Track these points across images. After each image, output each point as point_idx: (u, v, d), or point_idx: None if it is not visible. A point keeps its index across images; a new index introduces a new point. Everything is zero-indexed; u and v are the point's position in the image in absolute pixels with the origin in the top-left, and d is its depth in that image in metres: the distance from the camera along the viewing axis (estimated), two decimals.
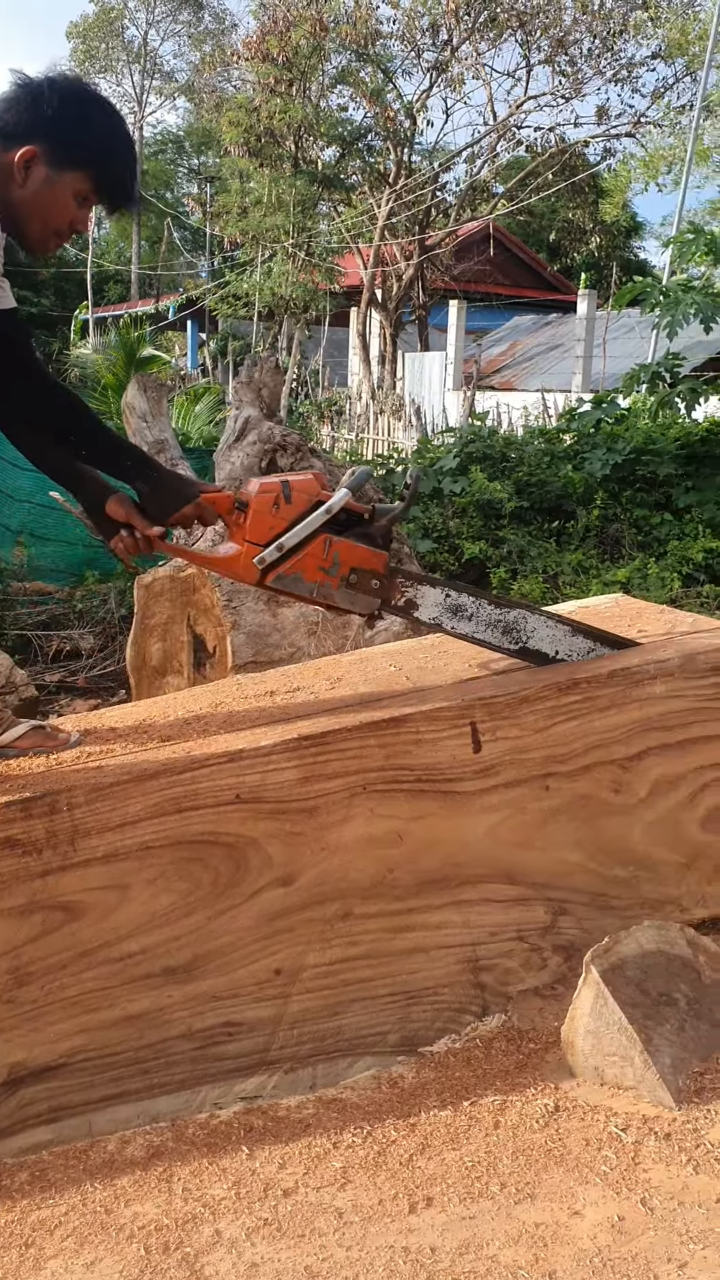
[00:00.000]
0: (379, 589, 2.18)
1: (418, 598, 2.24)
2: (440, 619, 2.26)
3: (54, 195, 1.96)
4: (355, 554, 2.15)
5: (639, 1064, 1.93)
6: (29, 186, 1.94)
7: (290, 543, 2.11)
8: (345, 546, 2.15)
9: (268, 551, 2.11)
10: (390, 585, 2.21)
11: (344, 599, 2.17)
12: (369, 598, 2.18)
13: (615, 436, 8.35)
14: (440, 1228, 1.67)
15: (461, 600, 2.27)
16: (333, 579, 2.15)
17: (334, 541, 2.14)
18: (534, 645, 2.32)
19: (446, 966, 2.18)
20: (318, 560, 2.14)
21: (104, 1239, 1.68)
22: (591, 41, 20.01)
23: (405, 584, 2.24)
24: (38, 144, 1.92)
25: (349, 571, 2.15)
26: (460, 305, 20.80)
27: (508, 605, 2.31)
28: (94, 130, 1.98)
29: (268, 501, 2.11)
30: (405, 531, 7.18)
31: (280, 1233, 1.67)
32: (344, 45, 19.01)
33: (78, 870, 1.94)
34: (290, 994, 2.08)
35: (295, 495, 2.12)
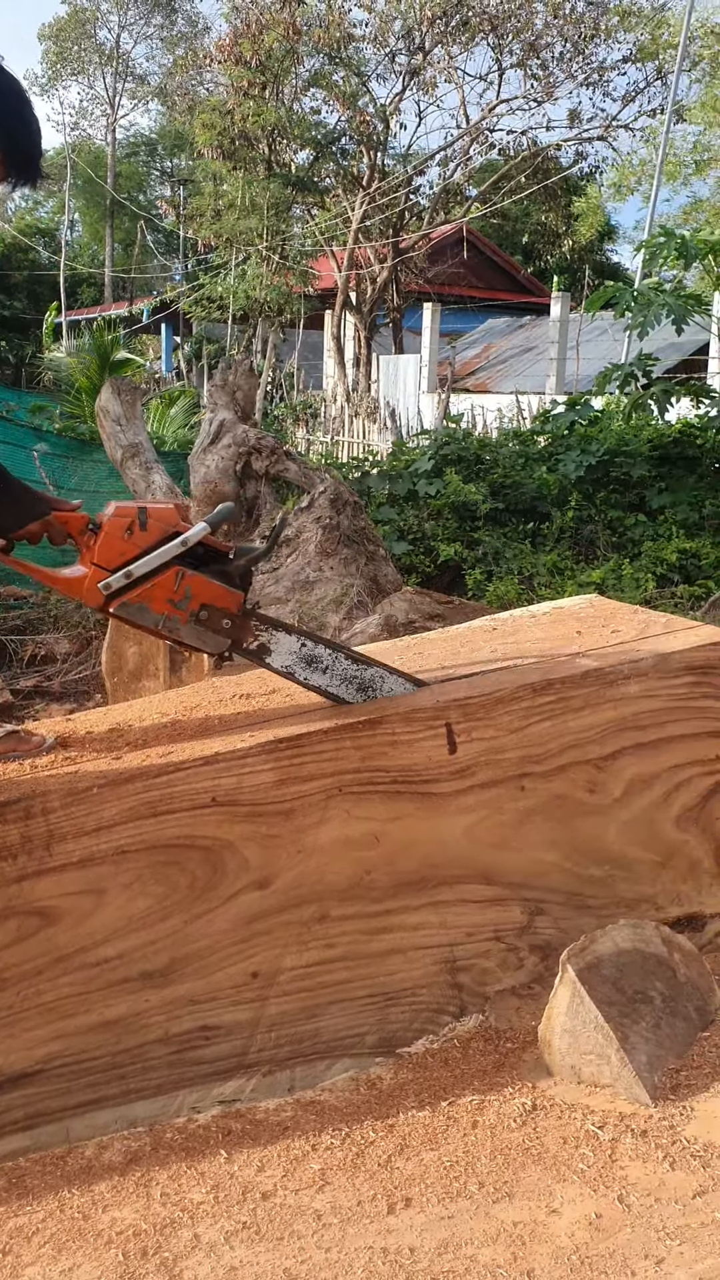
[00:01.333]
0: (230, 629, 2.09)
1: (271, 643, 2.15)
2: (293, 668, 2.17)
3: None
4: (208, 590, 2.06)
5: (615, 1062, 1.94)
6: None
7: (139, 571, 2.02)
8: (199, 581, 2.05)
9: (114, 577, 2.01)
10: (243, 627, 2.11)
11: (191, 635, 2.08)
12: (219, 637, 2.09)
13: (589, 438, 8.40)
14: (419, 1228, 1.67)
15: (317, 652, 2.18)
16: (181, 613, 2.06)
17: (187, 575, 2.04)
18: None
19: (424, 967, 2.19)
20: (167, 592, 2.04)
21: (82, 1245, 1.67)
22: (563, 45, 20.11)
23: (260, 628, 2.15)
24: None
25: (200, 607, 2.06)
26: (434, 308, 20.86)
27: (365, 663, 2.22)
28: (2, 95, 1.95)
29: (120, 526, 2.02)
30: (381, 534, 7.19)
31: (259, 1236, 1.67)
32: (317, 49, 19.03)
33: (53, 875, 1.93)
34: (268, 997, 2.08)
35: (150, 523, 2.03)
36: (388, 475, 8.60)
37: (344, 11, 19.12)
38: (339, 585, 5.50)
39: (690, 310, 7.79)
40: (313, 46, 18.93)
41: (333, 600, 5.37)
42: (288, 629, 2.19)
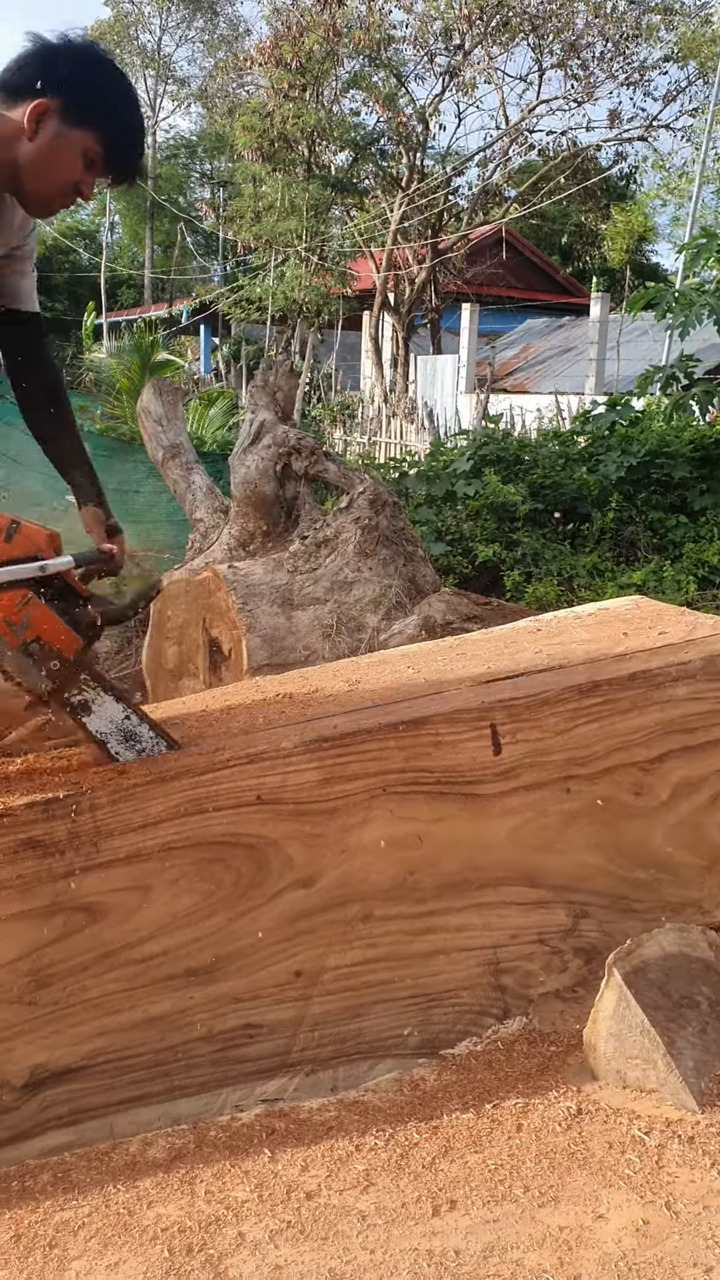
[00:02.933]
0: (56, 671, 1.97)
1: (94, 703, 2.04)
2: (108, 738, 2.05)
3: (62, 152, 1.95)
4: (49, 625, 1.94)
5: (661, 1067, 1.92)
6: (38, 142, 1.93)
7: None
8: (43, 613, 1.94)
9: None
10: (70, 676, 1.99)
11: (13, 663, 1.96)
12: (40, 677, 1.96)
13: (630, 439, 8.34)
14: (464, 1231, 1.66)
15: (139, 730, 2.07)
16: (12, 637, 1.94)
17: (32, 602, 1.93)
18: None
19: (467, 969, 2.18)
20: (6, 611, 1.93)
21: (128, 1240, 1.68)
22: (604, 45, 19.98)
23: (89, 683, 2.04)
24: (50, 99, 1.92)
25: (33, 639, 1.95)
26: (473, 308, 20.80)
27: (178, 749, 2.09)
28: (107, 91, 1.98)
29: None
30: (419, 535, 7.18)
31: (303, 1235, 1.67)
32: (357, 50, 19.03)
33: (100, 871, 1.94)
34: (311, 996, 2.08)
35: (17, 538, 1.93)
36: (425, 476, 8.58)
37: (384, 13, 19.12)
38: (377, 586, 5.49)
39: None
40: (353, 48, 18.94)
41: (371, 601, 5.36)
42: (119, 695, 2.07)
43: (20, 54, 1.96)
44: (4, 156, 1.94)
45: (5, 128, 1.94)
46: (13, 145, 1.93)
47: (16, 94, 1.93)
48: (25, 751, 2.16)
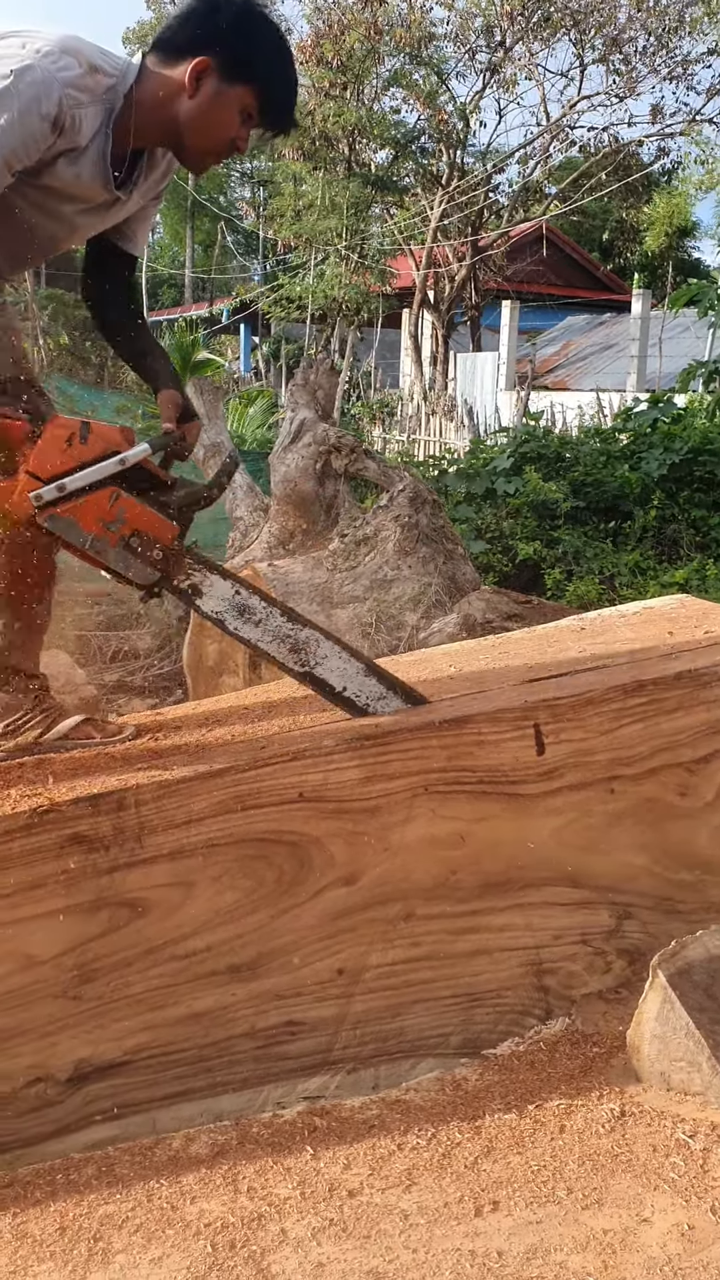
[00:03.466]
0: (160, 561, 2.00)
1: (203, 585, 2.05)
2: (223, 615, 2.06)
3: (221, 108, 1.98)
4: (143, 517, 1.97)
5: (707, 1070, 1.90)
6: (198, 99, 1.97)
7: (73, 485, 1.92)
8: (133, 506, 1.97)
9: (46, 489, 1.92)
10: (175, 563, 2.02)
11: (118, 560, 1.98)
12: (147, 568, 1.99)
13: (672, 436, 8.26)
14: (507, 1232, 1.65)
15: (251, 602, 2.08)
16: (111, 535, 1.96)
17: (122, 497, 1.96)
18: (320, 673, 2.13)
19: (509, 969, 2.17)
20: (99, 511, 1.95)
21: (171, 1235, 1.69)
22: (646, 39, 19.81)
23: (194, 567, 2.05)
24: (211, 56, 1.95)
25: (131, 533, 1.97)
26: (513, 305, 20.71)
27: (301, 623, 2.12)
28: (266, 46, 2.01)
29: (59, 437, 1.93)
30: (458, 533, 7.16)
31: (346, 1233, 1.67)
32: (398, 48, 19.01)
33: (144, 867, 1.95)
34: (353, 994, 2.08)
35: (91, 438, 1.94)
36: (465, 474, 8.55)
37: (425, 10, 19.08)
38: (417, 584, 5.49)
39: None
40: (394, 46, 18.92)
41: (411, 599, 5.35)
42: (224, 573, 2.08)
43: (180, 11, 2.00)
44: (164, 114, 1.98)
45: (166, 85, 1.97)
46: (173, 103, 1.97)
47: (177, 51, 1.97)
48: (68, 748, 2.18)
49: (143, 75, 1.97)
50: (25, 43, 1.86)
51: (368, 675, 2.16)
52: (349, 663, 2.15)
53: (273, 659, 2.12)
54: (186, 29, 1.98)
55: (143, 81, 1.97)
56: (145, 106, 1.96)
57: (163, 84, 1.97)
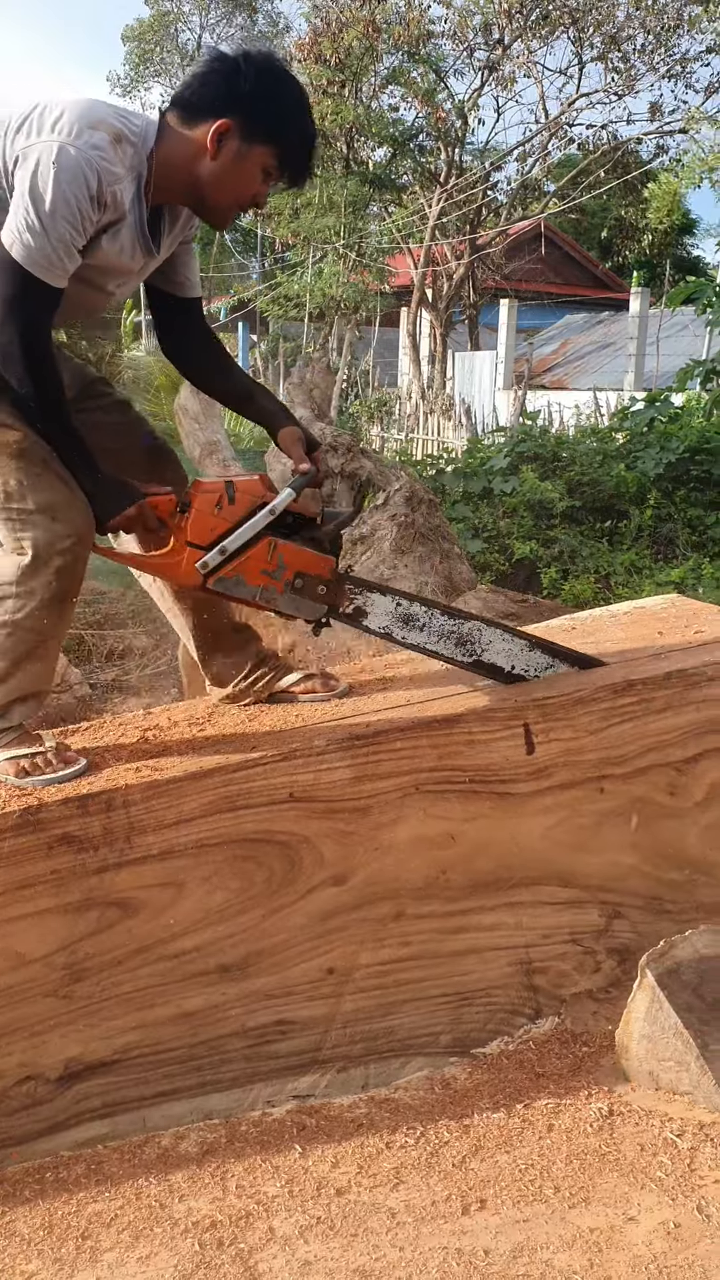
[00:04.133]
0: (325, 595, 2.10)
1: (367, 605, 2.15)
2: (390, 629, 2.17)
3: (243, 168, 2.00)
4: (300, 558, 2.07)
5: (694, 1069, 1.91)
6: (220, 160, 1.98)
7: (233, 545, 2.03)
8: (290, 550, 2.06)
9: (210, 555, 2.03)
10: (338, 591, 2.12)
11: (288, 604, 2.09)
12: (315, 604, 2.10)
13: (669, 435, 8.26)
14: (494, 1230, 1.66)
15: (413, 610, 2.18)
16: (277, 583, 2.07)
17: (279, 544, 2.05)
18: (489, 659, 2.22)
19: (499, 968, 2.17)
20: (261, 563, 2.05)
21: (159, 1233, 1.69)
22: (645, 37, 19.78)
23: (354, 591, 2.15)
24: (232, 117, 1.96)
25: (294, 576, 2.07)
26: (511, 304, 20.69)
27: (461, 617, 2.21)
28: (287, 105, 2.02)
29: (210, 502, 2.03)
30: (455, 532, 7.16)
31: (333, 1231, 1.68)
32: (396, 46, 18.98)
33: (133, 867, 1.96)
34: (343, 993, 2.09)
35: (239, 496, 2.04)
36: (463, 473, 8.56)
37: (423, 8, 19.05)
38: (413, 583, 5.49)
39: None
40: (392, 44, 18.89)
41: None
42: (382, 590, 2.18)
43: (199, 70, 2.01)
44: (186, 174, 2.00)
45: (187, 146, 1.98)
46: (195, 163, 1.99)
47: (198, 111, 1.98)
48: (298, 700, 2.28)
49: (164, 135, 1.99)
50: (48, 123, 1.86)
51: (531, 650, 2.26)
52: (512, 642, 2.25)
53: (440, 656, 2.21)
54: (207, 89, 1.98)
55: (164, 142, 1.98)
56: (167, 167, 1.99)
57: (184, 144, 1.98)
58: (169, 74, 31.97)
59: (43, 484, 1.95)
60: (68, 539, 1.95)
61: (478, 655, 2.22)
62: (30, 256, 1.83)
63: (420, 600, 2.20)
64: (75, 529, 1.96)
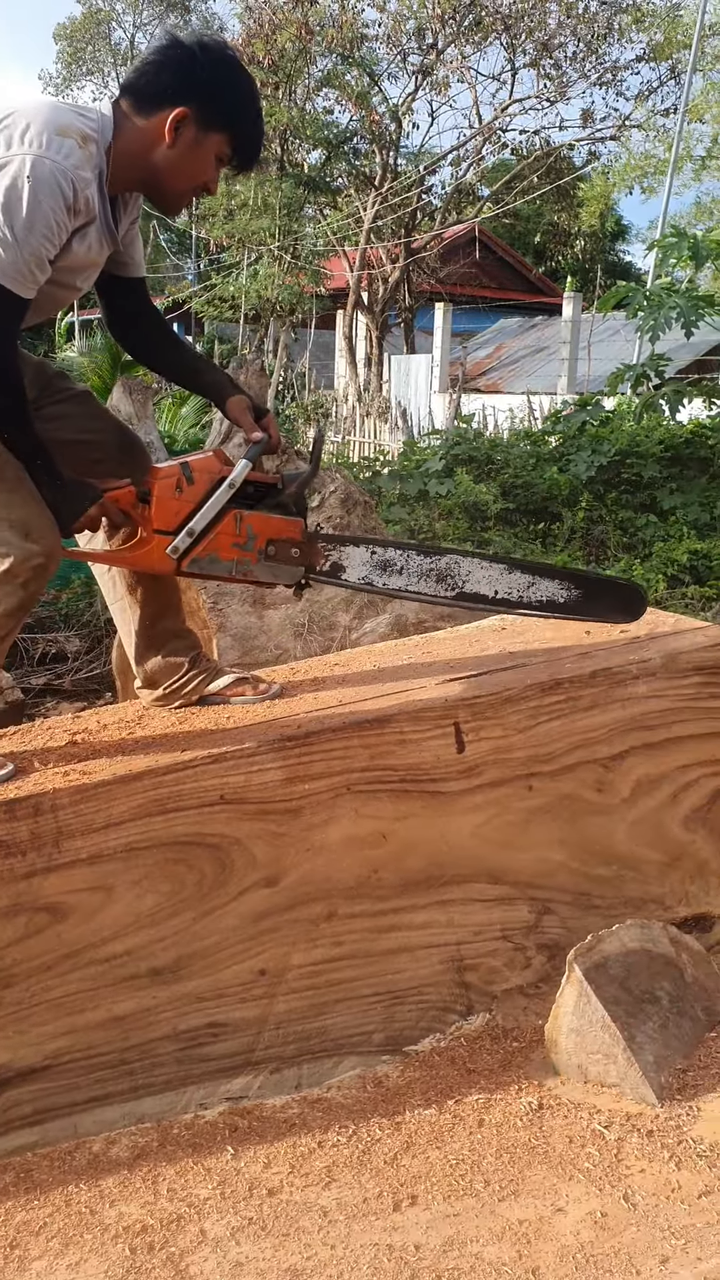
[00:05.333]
0: (300, 556, 2.10)
1: (343, 559, 2.15)
2: (370, 578, 2.17)
3: (199, 155, 2.02)
4: (269, 525, 2.08)
5: (622, 1061, 1.94)
6: (178, 147, 2.00)
7: (199, 525, 2.03)
8: (258, 519, 2.07)
9: (179, 539, 2.03)
10: (312, 551, 2.13)
11: (265, 572, 2.10)
12: (291, 567, 2.10)
13: (600, 439, 8.38)
14: (424, 1225, 1.67)
15: (389, 555, 2.18)
16: (249, 554, 2.07)
17: (245, 515, 2.06)
18: (471, 589, 2.23)
19: (431, 966, 2.19)
20: (231, 538, 2.06)
21: (89, 1239, 1.68)
22: (576, 45, 20.04)
23: (328, 548, 2.15)
24: (189, 105, 1.97)
25: (266, 544, 2.08)
26: (446, 307, 20.82)
27: (437, 553, 2.22)
28: (241, 93, 2.05)
29: (169, 487, 2.03)
30: (391, 534, 7.18)
31: (265, 1232, 1.68)
32: (329, 49, 19.00)
33: (62, 872, 1.94)
34: (275, 994, 2.09)
35: (197, 475, 2.04)
36: (399, 475, 8.59)
37: (357, 11, 19.10)
38: None
39: (701, 313, 7.77)
40: (325, 46, 18.91)
41: (342, 600, 5.36)
42: (355, 540, 2.19)
43: (153, 59, 2.01)
44: (142, 162, 2.01)
45: (143, 134, 1.99)
46: (150, 152, 2.00)
47: (154, 100, 1.98)
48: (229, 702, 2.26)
49: (120, 126, 1.99)
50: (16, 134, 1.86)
51: (511, 572, 2.25)
52: (491, 568, 2.24)
53: (424, 597, 2.21)
54: (164, 77, 1.99)
55: (121, 133, 1.99)
56: (125, 157, 2.00)
57: (140, 133, 1.99)
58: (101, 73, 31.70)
59: (16, 500, 1.94)
60: (39, 557, 1.94)
61: (460, 588, 2.23)
62: (1, 269, 1.83)
63: (394, 544, 2.21)
64: (47, 547, 1.96)
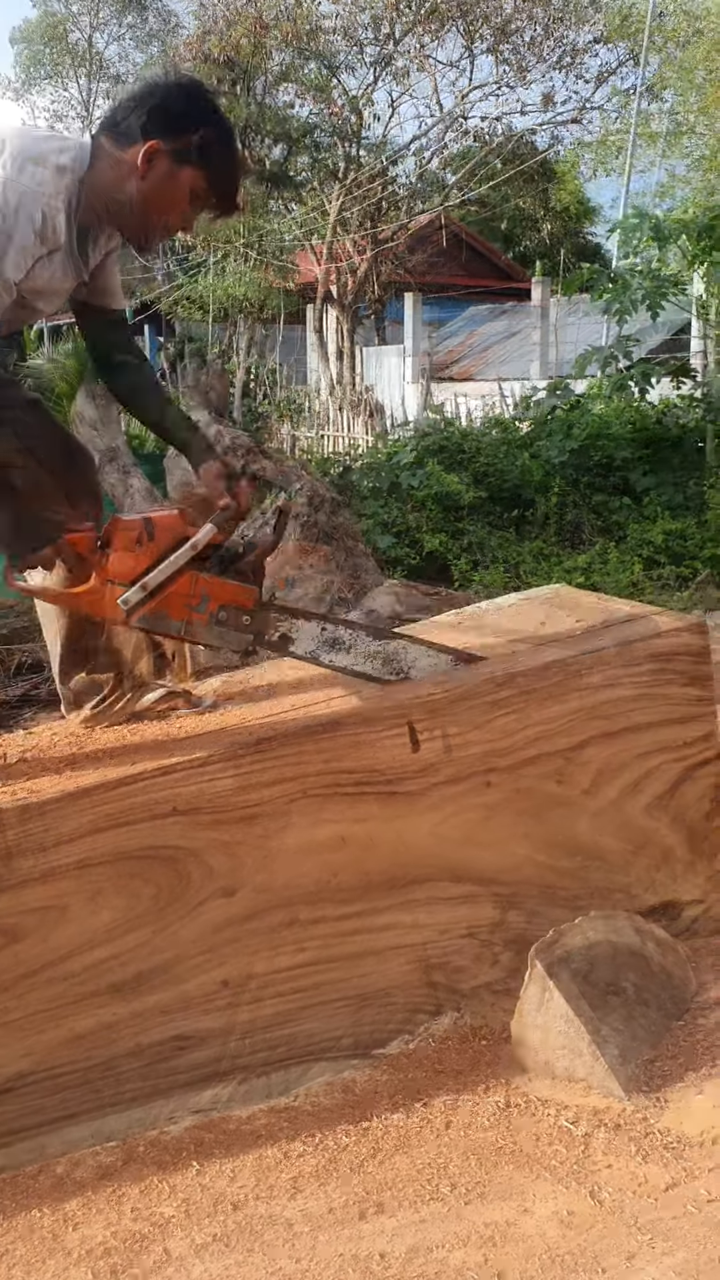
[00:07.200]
0: (250, 624, 2.11)
1: (292, 632, 2.20)
2: (316, 653, 2.21)
3: (171, 190, 2.03)
4: (224, 590, 2.08)
5: (587, 1056, 1.93)
6: (149, 180, 2.01)
7: (154, 582, 2.03)
8: (214, 583, 2.07)
9: (131, 592, 2.02)
10: (263, 620, 2.14)
11: (213, 636, 2.10)
12: (240, 634, 2.11)
13: (571, 423, 8.36)
14: (390, 1233, 1.66)
15: (338, 634, 2.23)
16: (201, 616, 2.07)
17: (200, 579, 2.06)
18: (415, 675, 2.26)
19: (397, 968, 2.17)
20: (184, 598, 2.06)
21: (52, 1265, 1.66)
22: (533, 29, 19.99)
23: (279, 618, 2.19)
24: (162, 138, 1.99)
25: (218, 609, 2.08)
26: (415, 297, 20.78)
27: (386, 636, 2.29)
28: (216, 131, 2.06)
29: (129, 539, 2.03)
30: (363, 528, 7.16)
31: (229, 1247, 1.66)
32: (285, 43, 18.91)
33: (13, 892, 1.91)
34: (239, 1004, 2.07)
35: (158, 533, 2.04)
36: (371, 468, 8.57)
37: (312, 4, 19.01)
38: (320, 582, 5.48)
39: (665, 294, 7.75)
40: (281, 40, 18.81)
41: (314, 598, 5.34)
42: (306, 615, 2.23)
43: (132, 93, 2.07)
44: (115, 195, 2.03)
45: (118, 167, 2.01)
46: (124, 184, 2.02)
47: (129, 133, 2.01)
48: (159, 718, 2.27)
49: (95, 158, 2.01)
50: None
51: (456, 665, 2.30)
52: (438, 658, 2.29)
53: (368, 676, 2.24)
54: (139, 112, 2.02)
55: (96, 165, 2.01)
56: (98, 188, 2.01)
57: (115, 166, 2.01)
58: (60, 76, 31.49)
59: None
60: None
61: (405, 673, 2.26)
62: None
63: (345, 623, 2.26)
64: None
